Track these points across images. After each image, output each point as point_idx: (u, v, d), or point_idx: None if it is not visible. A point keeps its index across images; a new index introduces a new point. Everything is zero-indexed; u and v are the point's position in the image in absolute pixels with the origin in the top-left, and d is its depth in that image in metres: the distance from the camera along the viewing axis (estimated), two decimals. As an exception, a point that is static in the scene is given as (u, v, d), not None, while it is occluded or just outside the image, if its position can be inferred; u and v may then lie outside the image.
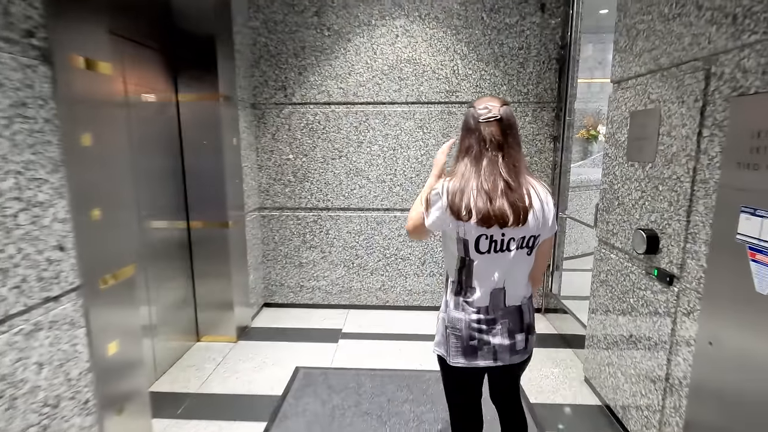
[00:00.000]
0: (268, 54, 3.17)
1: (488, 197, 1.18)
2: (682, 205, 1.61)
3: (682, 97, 1.61)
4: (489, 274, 1.26)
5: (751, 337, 1.28)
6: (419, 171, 3.28)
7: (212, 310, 2.90)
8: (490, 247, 1.22)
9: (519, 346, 1.32)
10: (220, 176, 2.72)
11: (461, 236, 1.22)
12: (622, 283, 2.04)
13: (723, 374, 1.39)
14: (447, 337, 1.31)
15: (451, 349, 1.30)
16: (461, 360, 1.30)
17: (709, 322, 1.45)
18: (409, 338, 3.01)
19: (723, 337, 1.39)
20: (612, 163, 2.15)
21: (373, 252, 3.42)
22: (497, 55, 3.10)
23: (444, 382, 1.46)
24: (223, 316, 2.91)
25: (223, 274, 2.85)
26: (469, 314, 1.27)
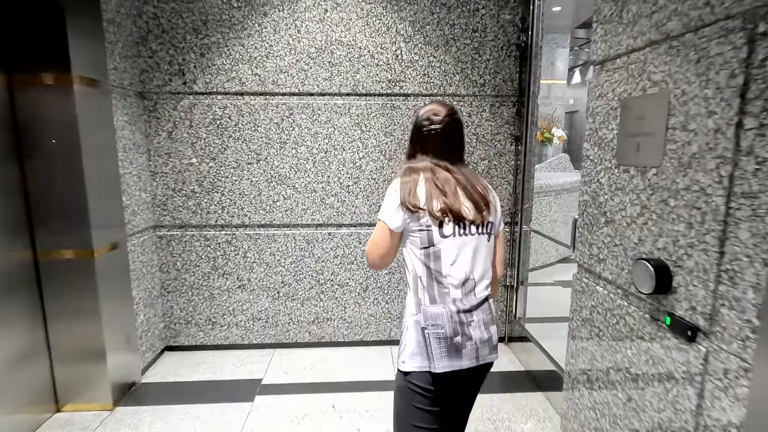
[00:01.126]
0: (159, 28, 2.46)
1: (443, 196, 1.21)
2: (711, 228, 1.11)
3: (707, 74, 1.11)
4: (458, 259, 1.22)
5: None
6: (357, 178, 2.69)
7: (76, 364, 2.14)
8: (454, 230, 1.21)
9: (494, 340, 1.27)
10: (78, 187, 1.98)
11: (424, 224, 1.20)
12: (614, 327, 1.54)
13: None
14: (427, 340, 1.19)
15: (435, 352, 1.18)
16: (445, 362, 1.18)
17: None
18: (347, 388, 2.39)
19: (798, 441, 0.89)
20: (596, 167, 1.66)
21: (303, 278, 2.78)
22: (448, 38, 2.58)
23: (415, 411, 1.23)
24: (93, 372, 2.16)
25: (89, 315, 2.09)
26: (448, 305, 1.20)
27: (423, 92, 2.62)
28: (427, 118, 1.31)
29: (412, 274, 1.26)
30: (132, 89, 2.41)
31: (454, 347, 1.19)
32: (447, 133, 1.31)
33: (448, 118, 1.31)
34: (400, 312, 2.85)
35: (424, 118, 1.32)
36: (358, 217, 2.73)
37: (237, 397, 2.31)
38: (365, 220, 2.74)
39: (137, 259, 2.44)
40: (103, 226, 2.11)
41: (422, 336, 1.19)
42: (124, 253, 2.29)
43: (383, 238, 1.24)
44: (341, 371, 2.57)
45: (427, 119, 1.31)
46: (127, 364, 2.34)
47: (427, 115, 1.32)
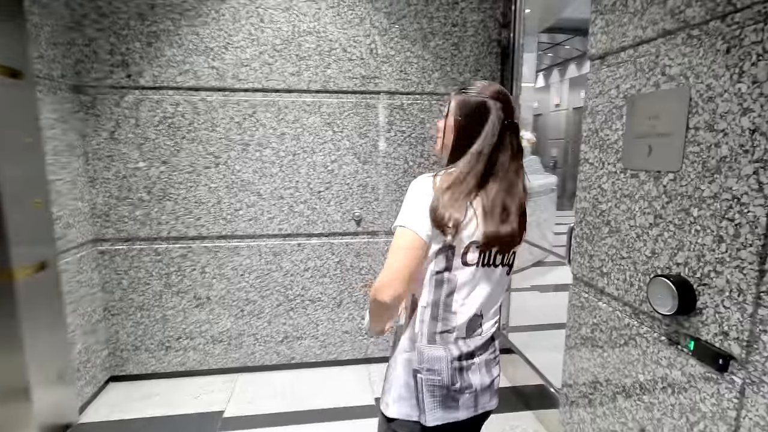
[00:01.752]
0: (96, 12, 2.13)
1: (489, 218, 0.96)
2: (748, 242, 0.97)
3: (740, 66, 0.97)
4: (472, 293, 1.00)
5: None
6: (329, 183, 2.45)
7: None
8: (478, 258, 0.98)
9: (496, 383, 1.09)
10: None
11: (447, 243, 0.94)
12: (621, 348, 1.40)
13: None
14: (419, 386, 0.97)
15: (427, 403, 0.97)
16: (439, 414, 0.98)
17: (832, 459, 0.81)
18: (322, 417, 2.15)
19: None
20: (596, 172, 1.51)
21: (270, 294, 2.51)
22: (426, 32, 2.39)
23: None
24: (14, 415, 1.80)
25: (8, 348, 1.75)
26: (450, 348, 0.99)
27: (400, 90, 2.43)
28: (499, 96, 0.99)
29: (412, 300, 1.03)
30: (64, 82, 2.07)
31: (450, 397, 0.99)
32: (514, 131, 1.03)
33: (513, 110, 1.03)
34: (377, 327, 2.63)
35: (492, 96, 0.99)
36: (330, 226, 2.50)
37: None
38: (338, 229, 2.51)
39: (73, 279, 2.10)
40: (26, 242, 1.77)
41: (413, 380, 0.99)
42: (54, 273, 1.95)
43: (410, 253, 0.91)
44: (315, 397, 2.32)
45: (498, 98, 0.99)
46: (61, 403, 2.00)
47: (494, 94, 0.99)
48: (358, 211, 2.51)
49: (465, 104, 1.00)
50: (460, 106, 1.00)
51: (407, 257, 0.91)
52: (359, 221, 2.52)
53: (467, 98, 1.00)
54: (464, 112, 1.00)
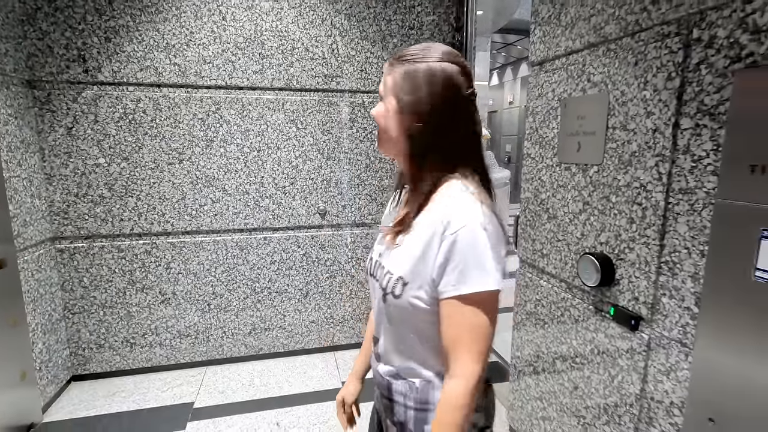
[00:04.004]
0: (50, 5, 2.09)
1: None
2: (651, 223, 1.18)
3: (644, 77, 1.18)
4: None
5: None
6: (294, 178, 2.53)
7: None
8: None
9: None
10: (-53, 195, 1.60)
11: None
12: (559, 319, 1.60)
13: (738, 469, 0.97)
14: None
15: None
16: None
17: (710, 389, 1.02)
18: (291, 401, 2.25)
19: (737, 415, 0.97)
20: (537, 165, 1.71)
21: (237, 287, 2.56)
22: (385, 34, 2.52)
23: None
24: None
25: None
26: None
27: (361, 89, 2.54)
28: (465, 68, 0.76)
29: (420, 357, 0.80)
30: (17, 77, 2.02)
31: None
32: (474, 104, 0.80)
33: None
34: (342, 316, 2.75)
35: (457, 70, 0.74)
36: (295, 220, 2.58)
37: (165, 426, 2.05)
38: (303, 222, 2.60)
39: (32, 278, 2.06)
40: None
41: None
42: (13, 271, 1.92)
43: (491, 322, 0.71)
44: (284, 384, 2.41)
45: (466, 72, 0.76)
46: (23, 403, 1.97)
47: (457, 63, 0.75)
48: (322, 204, 2.61)
49: (411, 77, 0.74)
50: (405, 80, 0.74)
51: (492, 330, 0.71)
52: (324, 215, 2.62)
53: (411, 68, 0.74)
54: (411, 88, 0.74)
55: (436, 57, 0.74)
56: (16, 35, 2.03)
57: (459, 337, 0.70)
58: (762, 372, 0.91)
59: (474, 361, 0.69)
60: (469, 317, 0.69)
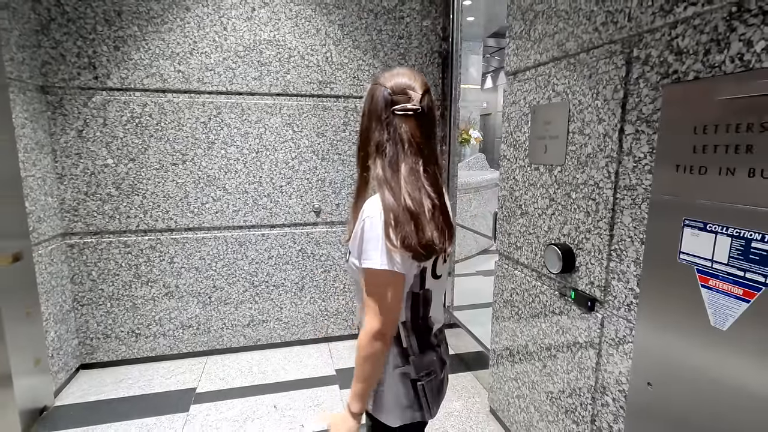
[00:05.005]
0: (63, 17, 2.24)
1: (415, 222, 0.89)
2: (603, 216, 1.35)
3: (597, 88, 1.35)
4: (439, 301, 1.07)
5: (707, 381, 1.02)
6: (290, 178, 2.69)
7: (-25, 396, 1.89)
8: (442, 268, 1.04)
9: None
10: (-28, 193, 1.75)
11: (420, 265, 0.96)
12: (530, 305, 1.77)
13: (667, 423, 1.14)
14: (419, 391, 1.01)
15: (430, 401, 1.03)
16: (437, 405, 1.07)
17: (648, 358, 1.19)
18: (287, 387, 2.40)
19: (668, 379, 1.13)
20: (511, 166, 1.88)
21: (236, 281, 2.72)
22: (375, 43, 2.69)
23: None
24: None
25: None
26: (439, 352, 1.07)
27: (353, 94, 2.71)
28: (402, 89, 0.92)
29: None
30: (32, 83, 2.17)
31: (442, 387, 1.09)
32: (429, 120, 0.96)
33: (428, 97, 0.95)
34: (336, 309, 2.91)
35: (396, 89, 0.92)
36: (292, 217, 2.74)
37: (169, 408, 2.20)
38: (299, 220, 2.76)
39: (45, 271, 2.21)
40: (4, 235, 1.89)
41: (413, 389, 1.00)
42: (29, 264, 2.07)
43: (395, 293, 0.90)
44: (280, 372, 2.56)
45: (403, 92, 0.92)
46: (37, 388, 2.12)
47: (400, 84, 0.92)
48: (317, 203, 2.77)
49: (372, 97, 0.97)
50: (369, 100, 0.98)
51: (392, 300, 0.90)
52: (318, 212, 2.78)
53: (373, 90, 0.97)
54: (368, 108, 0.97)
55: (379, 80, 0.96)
56: (32, 44, 2.18)
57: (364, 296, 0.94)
58: (686, 339, 1.07)
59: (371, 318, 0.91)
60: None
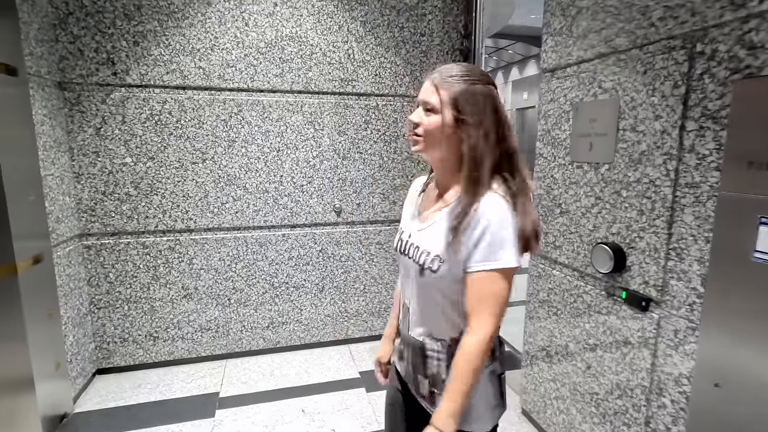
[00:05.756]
0: (81, 11, 2.17)
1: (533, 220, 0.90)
2: (660, 214, 1.32)
3: (653, 84, 1.33)
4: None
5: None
6: (311, 177, 2.65)
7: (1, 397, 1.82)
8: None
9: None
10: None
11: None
12: (572, 305, 1.74)
13: (739, 423, 1.11)
14: (503, 385, 1.01)
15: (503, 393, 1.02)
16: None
17: (716, 359, 1.17)
18: (312, 390, 2.35)
19: (739, 380, 1.11)
20: (549, 164, 1.85)
21: (256, 282, 2.66)
22: (398, 40, 2.65)
23: None
24: (20, 404, 1.85)
25: (14, 339, 1.79)
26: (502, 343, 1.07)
27: (375, 92, 2.67)
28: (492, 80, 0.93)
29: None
30: (50, 78, 2.10)
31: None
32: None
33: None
34: (356, 310, 2.87)
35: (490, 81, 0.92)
36: (312, 217, 2.69)
37: (194, 414, 2.14)
38: (320, 219, 2.71)
39: (63, 273, 2.14)
40: (26, 236, 1.82)
41: (499, 384, 0.99)
42: (50, 266, 2.00)
43: (508, 292, 0.89)
44: (303, 375, 2.51)
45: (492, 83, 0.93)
46: (58, 394, 2.05)
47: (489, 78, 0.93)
48: (338, 203, 2.72)
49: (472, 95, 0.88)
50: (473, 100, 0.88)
51: (505, 300, 0.89)
52: (339, 212, 2.73)
53: (471, 88, 0.89)
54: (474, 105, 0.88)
55: (485, 79, 0.91)
56: (49, 39, 2.11)
57: (477, 301, 0.88)
58: (760, 338, 1.05)
59: (489, 322, 0.87)
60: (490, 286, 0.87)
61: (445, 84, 0.90)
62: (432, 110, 0.91)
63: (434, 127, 0.91)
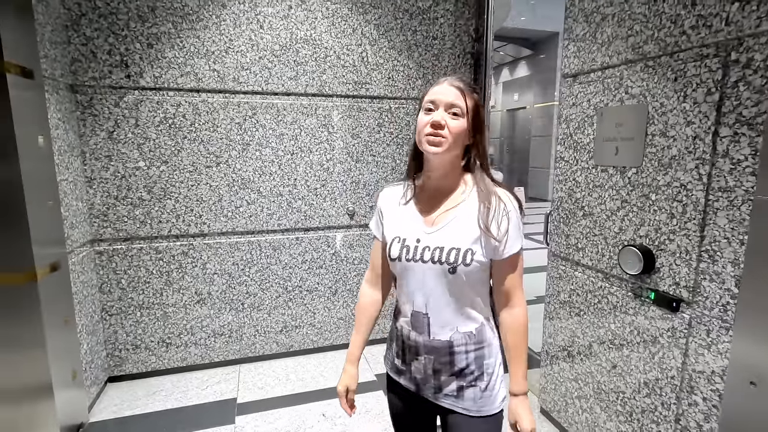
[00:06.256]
0: (94, 12, 2.13)
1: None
2: (692, 217, 1.36)
3: (685, 91, 1.36)
4: None
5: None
6: (325, 180, 2.64)
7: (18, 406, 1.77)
8: None
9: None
10: (15, 197, 1.64)
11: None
12: (596, 306, 1.78)
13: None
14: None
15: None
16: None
17: (750, 358, 1.21)
18: (330, 394, 2.34)
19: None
20: (571, 168, 1.88)
21: (270, 286, 2.64)
22: (410, 44, 2.67)
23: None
24: (39, 413, 1.81)
25: (34, 347, 1.75)
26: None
27: (388, 95, 2.68)
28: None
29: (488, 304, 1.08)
30: (63, 81, 2.06)
31: None
32: None
33: None
34: (368, 312, 2.87)
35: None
36: (326, 221, 2.69)
37: (214, 421, 2.12)
38: (333, 222, 2.70)
39: (77, 280, 2.09)
40: (44, 242, 1.78)
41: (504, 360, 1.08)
42: (66, 273, 1.95)
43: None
44: (319, 379, 2.51)
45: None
46: (74, 402, 2.00)
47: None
48: (351, 205, 2.72)
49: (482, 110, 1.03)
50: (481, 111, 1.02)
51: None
52: (352, 215, 2.73)
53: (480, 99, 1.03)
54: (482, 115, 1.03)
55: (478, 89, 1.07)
56: (62, 41, 2.07)
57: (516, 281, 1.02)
58: (800, 338, 1.09)
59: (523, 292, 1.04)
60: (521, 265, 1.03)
61: (469, 92, 0.98)
62: (457, 114, 0.96)
63: (461, 131, 0.96)
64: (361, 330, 1.16)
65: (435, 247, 0.98)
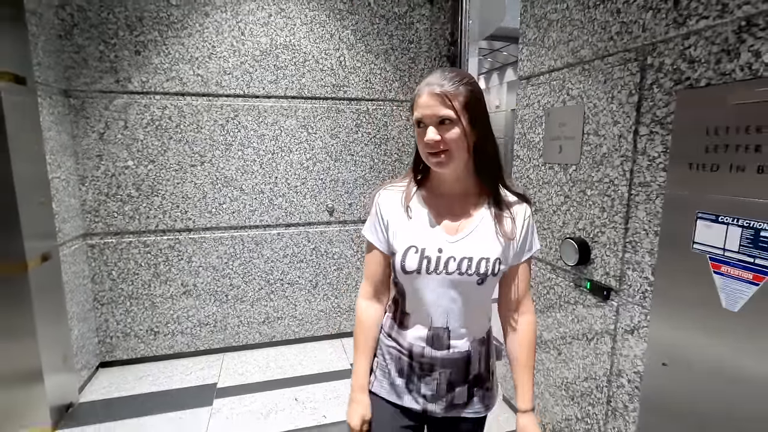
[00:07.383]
0: (86, 22, 2.29)
1: None
2: (618, 210, 1.45)
3: (612, 92, 1.46)
4: None
5: (719, 358, 1.13)
6: (305, 178, 2.77)
7: (10, 388, 1.93)
8: None
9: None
10: (9, 194, 1.80)
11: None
12: (545, 297, 1.87)
13: (683, 398, 1.24)
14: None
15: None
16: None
17: (662, 341, 1.30)
18: (305, 381, 2.47)
19: (683, 358, 1.24)
20: (525, 165, 1.98)
21: (252, 279, 2.78)
22: (387, 48, 2.78)
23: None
24: (30, 394, 1.97)
25: (24, 334, 1.91)
26: None
27: (366, 97, 2.80)
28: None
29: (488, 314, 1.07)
30: (56, 86, 2.22)
31: None
32: None
33: None
34: (349, 305, 2.99)
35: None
36: (306, 217, 2.82)
37: (193, 403, 2.26)
38: (313, 219, 2.83)
39: (69, 270, 2.26)
40: (35, 235, 1.94)
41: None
42: (56, 264, 2.12)
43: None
44: (297, 367, 2.64)
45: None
46: (64, 385, 2.16)
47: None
48: (330, 203, 2.85)
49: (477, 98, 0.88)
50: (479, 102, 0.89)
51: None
52: (332, 212, 2.86)
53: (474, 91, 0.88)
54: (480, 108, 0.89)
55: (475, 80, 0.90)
56: (56, 49, 2.23)
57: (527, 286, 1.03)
58: (700, 320, 1.18)
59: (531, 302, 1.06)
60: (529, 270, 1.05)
61: (454, 93, 0.85)
62: (449, 122, 0.86)
63: (457, 139, 0.87)
64: (367, 353, 1.05)
65: (462, 257, 0.92)
